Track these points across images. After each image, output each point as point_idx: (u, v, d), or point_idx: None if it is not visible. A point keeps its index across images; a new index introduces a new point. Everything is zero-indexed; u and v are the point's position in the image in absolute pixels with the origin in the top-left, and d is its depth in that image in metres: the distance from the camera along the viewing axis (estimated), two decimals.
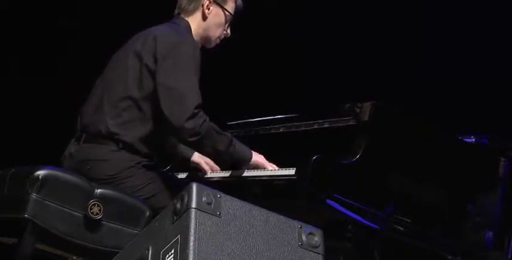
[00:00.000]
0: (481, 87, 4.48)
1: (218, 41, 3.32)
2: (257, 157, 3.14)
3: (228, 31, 3.32)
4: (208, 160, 3.37)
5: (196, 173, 3.39)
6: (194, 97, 2.96)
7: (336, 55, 4.82)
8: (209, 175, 3.33)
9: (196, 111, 2.93)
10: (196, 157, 3.39)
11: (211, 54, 3.34)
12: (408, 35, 4.73)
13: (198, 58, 3.05)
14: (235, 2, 3.31)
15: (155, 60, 3.02)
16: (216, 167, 3.35)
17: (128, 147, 3.04)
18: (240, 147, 3.10)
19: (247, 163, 3.14)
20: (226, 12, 3.26)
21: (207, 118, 2.96)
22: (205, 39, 3.27)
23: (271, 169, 3.09)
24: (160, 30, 3.13)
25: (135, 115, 3.05)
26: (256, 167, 3.14)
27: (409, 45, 4.72)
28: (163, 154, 3.28)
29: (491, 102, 4.49)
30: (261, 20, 4.31)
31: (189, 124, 2.92)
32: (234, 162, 3.21)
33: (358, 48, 4.83)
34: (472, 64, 4.54)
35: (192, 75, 3.00)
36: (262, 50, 4.86)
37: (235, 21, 3.33)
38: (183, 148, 3.39)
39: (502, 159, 3.39)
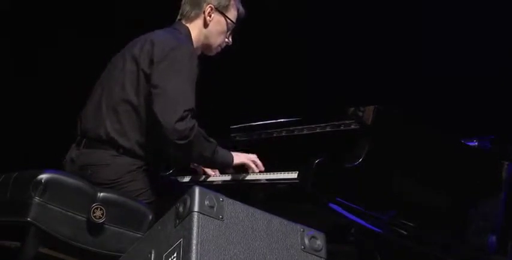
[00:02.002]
0: (482, 88, 4.48)
1: (219, 48, 3.31)
2: (238, 159, 3.14)
3: (230, 39, 3.32)
4: None
5: (198, 176, 3.39)
6: (185, 100, 2.95)
7: (336, 56, 4.82)
8: (212, 178, 3.33)
9: (185, 113, 2.92)
10: None
11: (211, 57, 3.34)
12: (408, 36, 4.72)
13: (194, 64, 3.04)
14: (238, 10, 3.30)
15: (151, 64, 3.02)
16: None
17: (128, 152, 3.04)
18: (222, 152, 3.10)
19: (229, 168, 3.17)
20: (228, 20, 3.26)
21: (196, 123, 2.96)
22: (206, 46, 3.27)
23: (274, 173, 3.09)
24: (158, 35, 3.13)
25: (133, 120, 3.05)
26: (241, 167, 3.15)
27: (410, 46, 4.72)
28: (164, 158, 3.27)
29: (493, 104, 4.48)
30: (261, 21, 4.31)
31: (180, 126, 2.90)
32: (216, 168, 3.24)
33: (359, 49, 4.82)
34: (473, 65, 4.54)
35: (186, 79, 2.99)
36: (262, 51, 4.85)
37: (237, 29, 3.33)
38: None
39: (506, 162, 3.38)
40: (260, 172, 3.15)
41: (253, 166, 3.15)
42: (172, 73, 2.99)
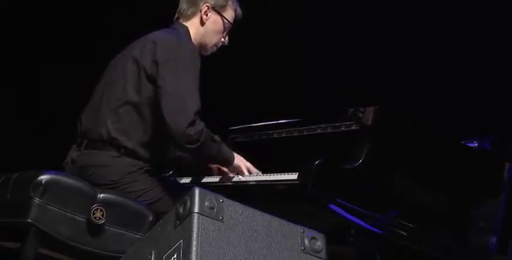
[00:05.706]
0: (482, 88, 4.48)
1: (215, 48, 3.31)
2: (238, 161, 3.15)
3: (226, 39, 3.31)
4: None
5: (202, 177, 3.39)
6: (194, 102, 2.95)
7: (336, 57, 4.82)
8: (212, 179, 3.33)
9: (195, 117, 2.92)
10: None
11: (211, 57, 3.34)
12: (409, 36, 4.72)
13: (197, 62, 3.05)
14: (235, 11, 3.30)
15: (155, 64, 3.01)
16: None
17: (129, 153, 3.03)
18: (224, 150, 3.12)
19: (227, 166, 3.17)
20: (225, 20, 3.26)
21: (204, 125, 2.96)
22: (202, 45, 3.26)
23: (274, 174, 3.09)
24: (159, 35, 3.13)
25: (135, 120, 3.05)
26: (237, 170, 3.16)
27: (410, 46, 4.72)
28: (167, 159, 3.27)
29: (493, 105, 4.49)
30: (261, 21, 4.31)
31: (190, 131, 2.91)
32: (216, 164, 3.26)
33: (359, 49, 4.83)
34: (472, 65, 4.54)
35: (192, 79, 3.00)
36: (262, 51, 4.85)
37: (235, 29, 3.33)
38: None
39: (506, 163, 3.38)
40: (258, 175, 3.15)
41: (245, 172, 3.15)
42: (178, 75, 2.98)
